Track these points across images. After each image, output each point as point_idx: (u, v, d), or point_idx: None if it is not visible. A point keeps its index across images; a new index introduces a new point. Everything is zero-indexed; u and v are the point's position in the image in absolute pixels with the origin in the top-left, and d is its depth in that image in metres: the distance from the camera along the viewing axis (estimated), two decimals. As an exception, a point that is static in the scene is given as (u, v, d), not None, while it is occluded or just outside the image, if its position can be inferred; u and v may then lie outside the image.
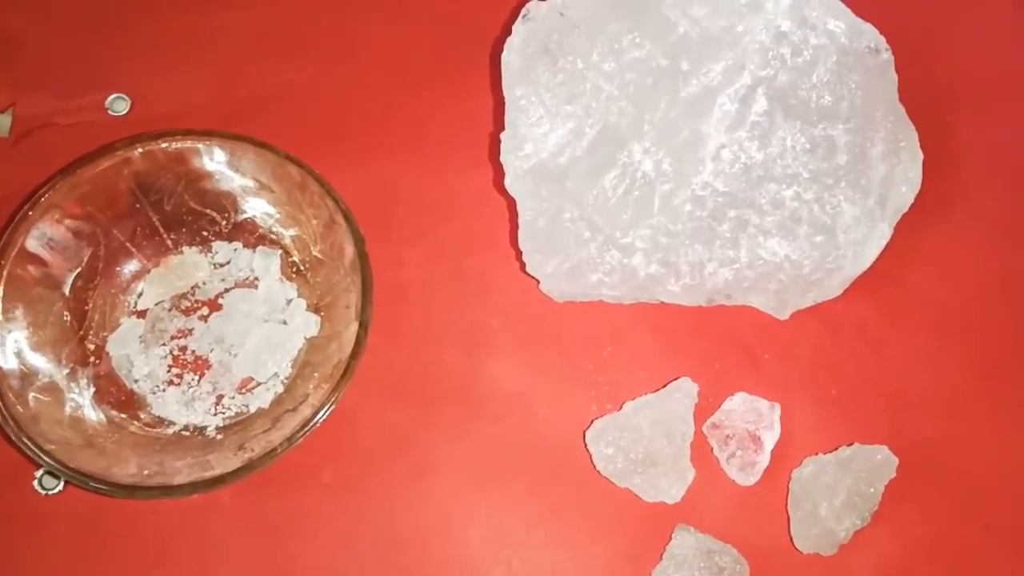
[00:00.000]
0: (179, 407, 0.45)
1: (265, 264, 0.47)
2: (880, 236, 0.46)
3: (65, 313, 0.44)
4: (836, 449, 0.46)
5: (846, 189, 0.46)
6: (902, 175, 0.47)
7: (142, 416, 0.44)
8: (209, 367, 0.46)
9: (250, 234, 0.48)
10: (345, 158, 0.50)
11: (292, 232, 0.47)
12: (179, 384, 0.45)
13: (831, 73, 0.45)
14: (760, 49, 0.45)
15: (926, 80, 0.52)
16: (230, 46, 0.53)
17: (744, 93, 0.45)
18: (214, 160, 0.45)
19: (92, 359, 0.45)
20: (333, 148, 0.50)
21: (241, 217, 0.47)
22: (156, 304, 0.47)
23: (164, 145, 0.44)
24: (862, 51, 0.46)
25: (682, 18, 0.45)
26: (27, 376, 0.42)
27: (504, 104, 0.46)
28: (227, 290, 0.47)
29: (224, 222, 0.47)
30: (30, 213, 0.42)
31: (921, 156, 0.47)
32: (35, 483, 0.44)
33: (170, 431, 0.44)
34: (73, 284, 0.44)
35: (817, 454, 0.46)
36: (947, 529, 0.45)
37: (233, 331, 0.46)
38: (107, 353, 0.45)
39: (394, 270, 0.48)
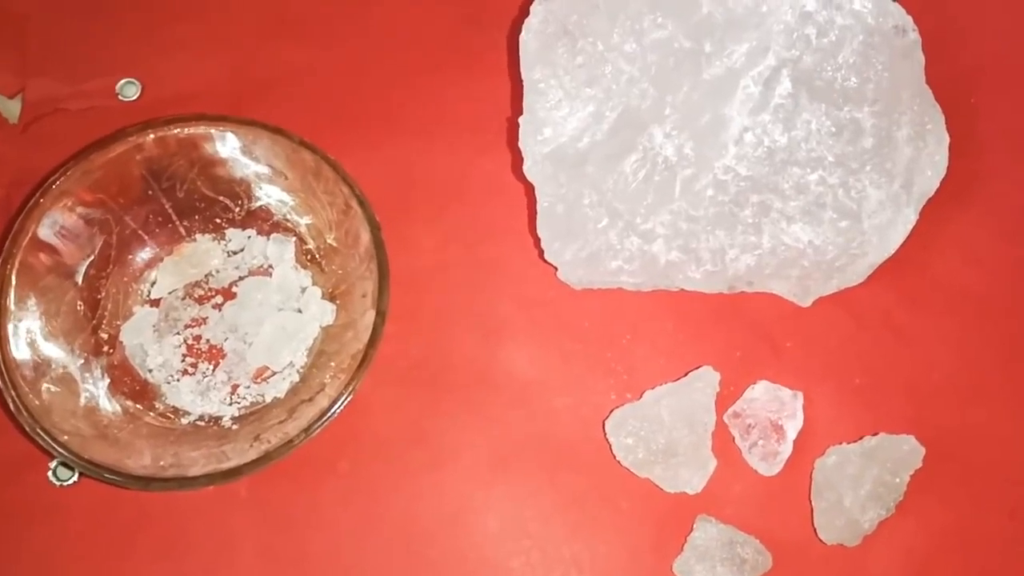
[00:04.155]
0: (194, 397, 0.44)
1: (279, 252, 0.47)
2: (905, 221, 0.46)
3: (78, 302, 0.43)
4: (860, 438, 0.45)
5: (871, 173, 0.45)
6: (928, 159, 0.46)
7: (157, 406, 0.44)
8: (224, 356, 0.45)
9: (264, 221, 0.47)
10: (358, 142, 0.49)
11: (307, 219, 0.46)
12: (193, 374, 0.45)
13: (857, 54, 0.44)
14: (785, 30, 0.44)
15: (951, 62, 0.51)
16: (241, 29, 0.53)
17: (768, 75, 0.44)
18: (227, 146, 0.44)
19: (106, 348, 0.44)
20: (346, 132, 0.49)
21: (255, 204, 0.47)
22: (169, 293, 0.46)
23: (176, 131, 0.43)
24: (888, 31, 0.45)
25: (705, -2, 0.44)
26: (40, 366, 0.41)
27: (521, 87, 0.45)
28: (241, 278, 0.47)
29: (238, 209, 0.47)
30: (41, 200, 0.41)
31: (947, 139, 0.46)
32: (49, 474, 0.44)
33: (185, 421, 0.44)
34: (86, 273, 0.44)
35: (841, 443, 0.45)
36: (972, 518, 0.45)
37: (247, 319, 0.46)
38: (121, 342, 0.45)
39: (409, 256, 0.47)
